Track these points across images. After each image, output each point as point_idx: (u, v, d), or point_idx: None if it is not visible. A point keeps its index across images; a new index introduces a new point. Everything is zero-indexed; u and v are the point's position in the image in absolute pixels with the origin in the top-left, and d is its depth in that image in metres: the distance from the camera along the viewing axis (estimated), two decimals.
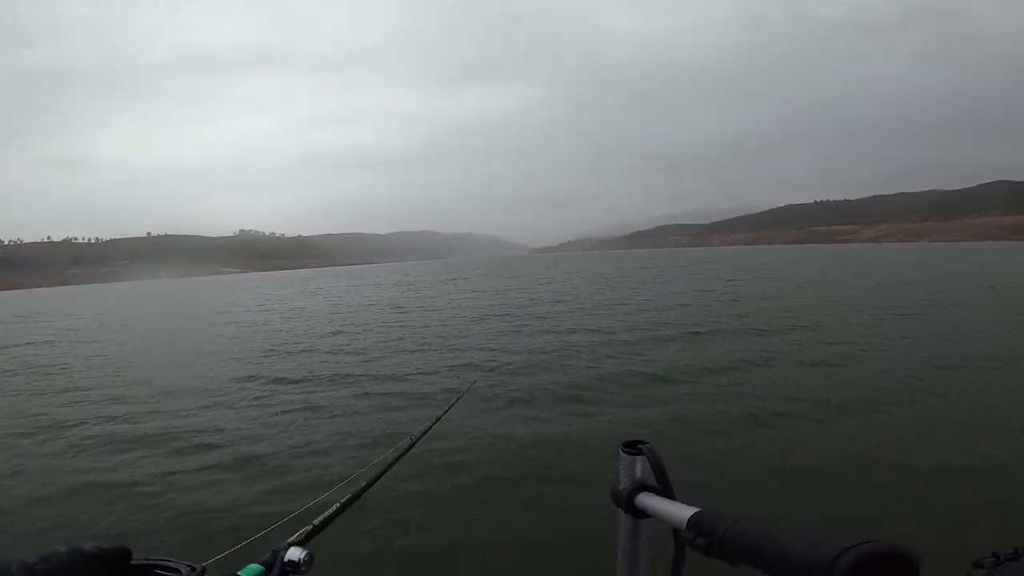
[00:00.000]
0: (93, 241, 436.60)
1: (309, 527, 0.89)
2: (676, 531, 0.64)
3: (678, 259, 61.04)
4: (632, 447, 0.72)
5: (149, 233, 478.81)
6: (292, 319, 17.32)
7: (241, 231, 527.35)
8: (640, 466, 0.71)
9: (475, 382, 6.07)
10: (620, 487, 0.72)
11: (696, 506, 0.61)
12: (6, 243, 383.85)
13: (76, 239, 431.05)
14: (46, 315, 28.47)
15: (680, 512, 0.61)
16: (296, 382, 7.71)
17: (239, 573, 0.68)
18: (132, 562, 0.55)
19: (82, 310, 30.06)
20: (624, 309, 14.16)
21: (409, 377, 7.69)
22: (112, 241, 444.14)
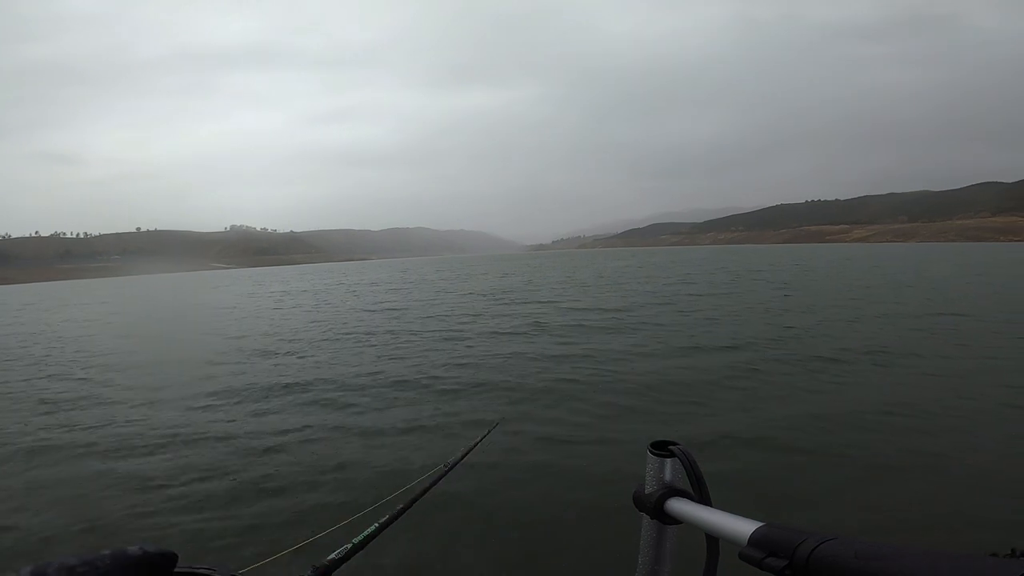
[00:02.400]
0: (82, 236, 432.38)
1: (349, 545, 0.89)
2: (710, 540, 0.60)
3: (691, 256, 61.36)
4: (661, 448, 0.68)
5: (139, 228, 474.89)
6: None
7: (232, 227, 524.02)
8: (670, 469, 0.67)
9: (504, 419, 5.38)
10: (646, 490, 0.67)
11: (744, 516, 0.54)
12: None
13: (64, 234, 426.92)
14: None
15: (738, 526, 0.54)
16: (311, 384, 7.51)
17: None
18: (176, 569, 0.53)
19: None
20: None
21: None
22: (101, 236, 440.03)
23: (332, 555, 0.83)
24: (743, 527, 0.53)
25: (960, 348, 8.12)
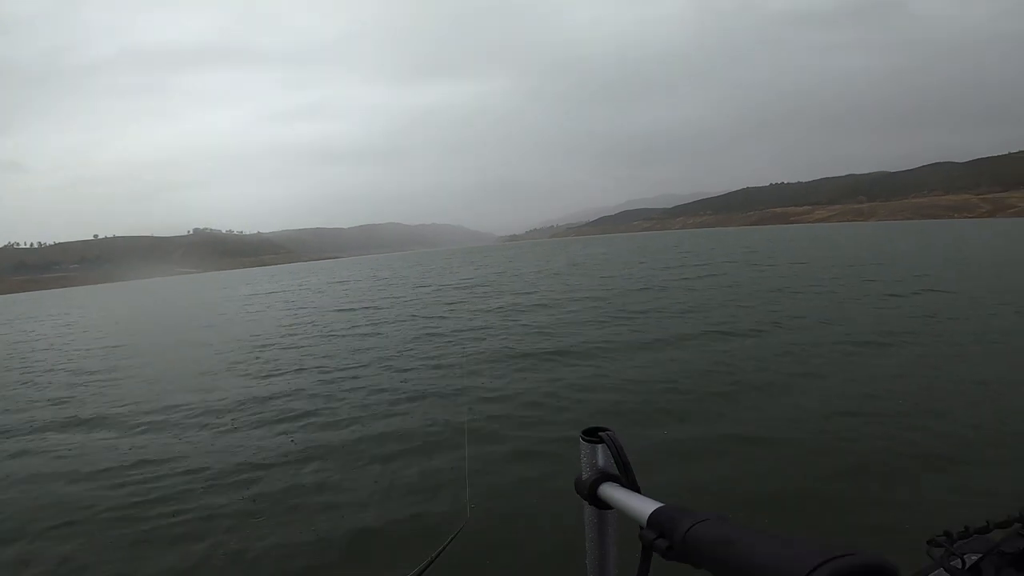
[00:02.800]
0: (36, 246, 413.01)
1: None
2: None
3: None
4: (592, 435, 0.69)
5: (96, 235, 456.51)
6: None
7: (195, 230, 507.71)
8: (602, 455, 0.69)
9: (467, 522, 3.84)
10: (583, 477, 0.69)
11: (661, 500, 0.56)
12: None
13: (18, 244, 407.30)
14: None
15: (642, 507, 0.56)
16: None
17: None
18: None
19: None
20: None
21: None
22: (57, 245, 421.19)
23: None
24: (647, 508, 0.55)
25: (955, 324, 8.26)
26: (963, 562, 0.65)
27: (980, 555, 0.64)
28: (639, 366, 7.08)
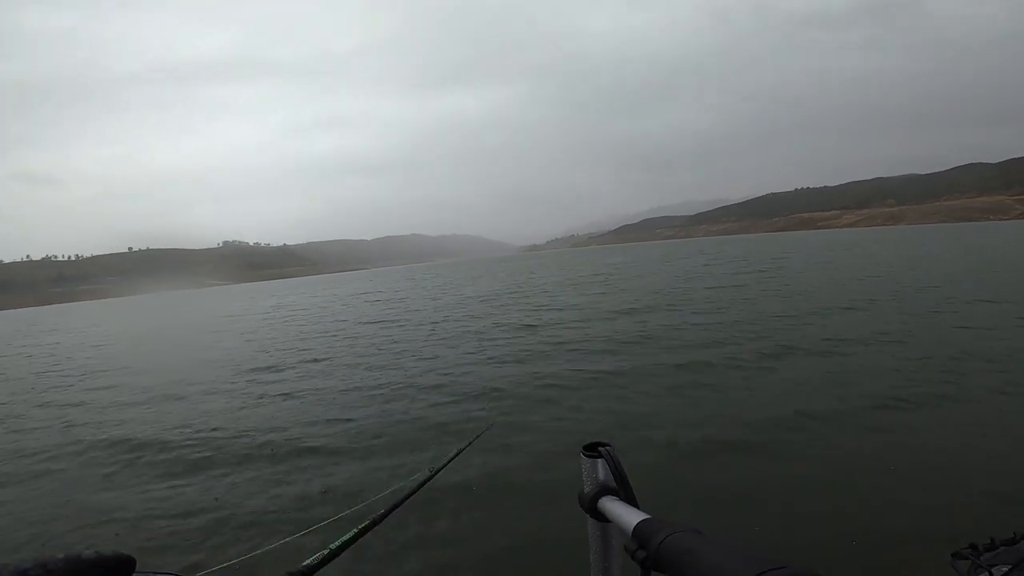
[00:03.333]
0: (73, 258, 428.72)
1: (326, 551, 0.86)
2: None
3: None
4: (592, 450, 0.71)
5: (130, 248, 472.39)
6: None
7: (225, 242, 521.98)
8: (602, 469, 0.70)
9: (494, 423, 4.86)
10: (585, 491, 0.71)
11: (649, 512, 0.57)
12: None
13: (56, 257, 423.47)
14: None
15: (631, 519, 0.58)
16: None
17: None
18: (135, 573, 0.50)
19: None
20: None
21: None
22: (94, 258, 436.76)
23: (308, 560, 0.81)
24: (632, 520, 0.57)
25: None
26: (990, 575, 0.65)
27: (1009, 567, 0.63)
28: (671, 386, 6.63)
